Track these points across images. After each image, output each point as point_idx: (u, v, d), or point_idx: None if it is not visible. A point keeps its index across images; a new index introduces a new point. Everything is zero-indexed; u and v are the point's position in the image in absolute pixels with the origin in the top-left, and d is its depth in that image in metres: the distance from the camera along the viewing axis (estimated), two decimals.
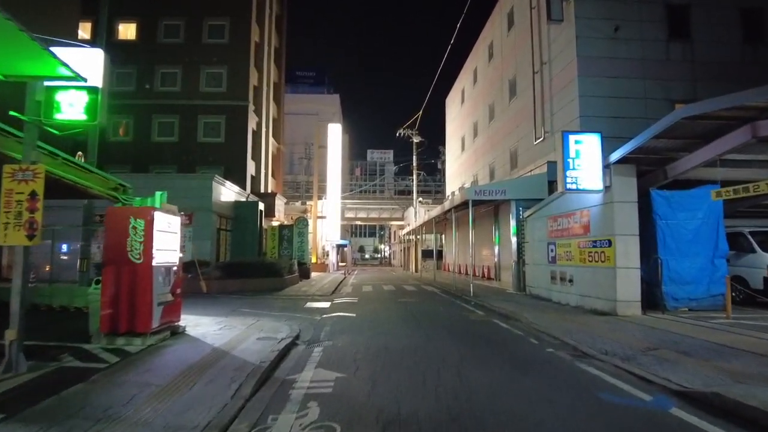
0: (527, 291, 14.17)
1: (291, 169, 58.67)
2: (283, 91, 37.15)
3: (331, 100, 68.41)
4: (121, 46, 26.42)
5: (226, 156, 25.69)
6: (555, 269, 12.16)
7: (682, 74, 15.27)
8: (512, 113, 21.19)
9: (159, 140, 25.91)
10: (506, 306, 11.39)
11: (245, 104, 26.29)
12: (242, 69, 26.64)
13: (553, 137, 16.61)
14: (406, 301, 13.16)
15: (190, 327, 7.93)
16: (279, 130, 35.21)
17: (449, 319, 9.79)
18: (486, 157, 25.40)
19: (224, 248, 21.56)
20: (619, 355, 6.28)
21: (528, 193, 15.01)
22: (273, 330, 7.98)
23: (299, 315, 10.28)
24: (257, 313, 10.40)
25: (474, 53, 28.90)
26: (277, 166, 34.60)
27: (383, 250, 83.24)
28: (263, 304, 12.57)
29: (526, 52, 19.45)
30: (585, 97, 14.84)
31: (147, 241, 6.52)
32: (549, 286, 12.55)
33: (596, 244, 10.09)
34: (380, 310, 11.27)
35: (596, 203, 10.10)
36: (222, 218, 20.98)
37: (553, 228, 12.26)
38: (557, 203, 12.15)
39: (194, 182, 19.56)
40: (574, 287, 11.14)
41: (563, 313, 10.05)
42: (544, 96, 17.45)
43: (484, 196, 14.97)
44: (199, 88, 26.32)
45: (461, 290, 16.14)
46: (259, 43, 29.28)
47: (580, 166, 9.66)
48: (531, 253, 14.01)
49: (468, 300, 13.43)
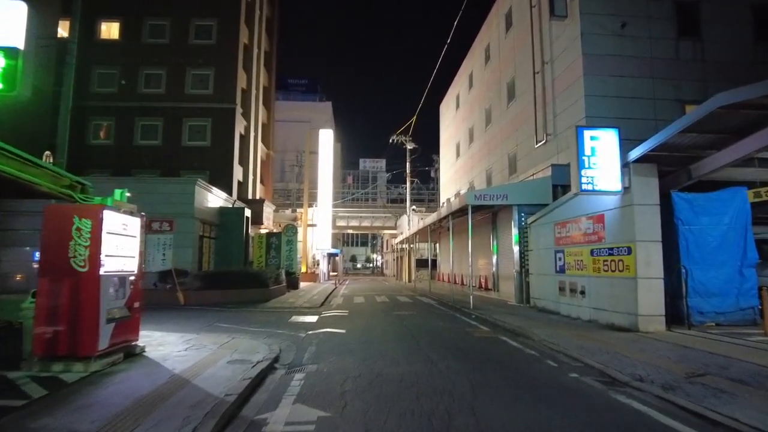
0: (531, 303, 13.15)
1: (282, 177, 57.60)
2: (274, 95, 36.15)
3: (323, 108, 67.60)
4: (104, 45, 25.39)
5: (212, 161, 24.59)
6: (564, 280, 11.16)
7: (693, 74, 14.49)
8: (511, 117, 20.34)
9: (142, 144, 24.77)
10: (512, 320, 10.35)
11: (232, 107, 25.25)
12: (230, 71, 25.64)
13: (556, 140, 15.76)
14: (402, 315, 12.06)
15: (151, 347, 6.79)
16: (269, 135, 34.17)
17: (451, 336, 8.72)
18: (482, 163, 24.51)
19: (208, 256, 20.34)
20: (658, 382, 5.25)
21: (531, 198, 14.06)
22: (249, 350, 6.86)
23: (282, 331, 9.14)
24: (235, 329, 9.26)
25: (469, 57, 28.16)
26: (266, 172, 33.49)
27: (375, 259, 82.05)
28: (244, 317, 11.42)
29: (525, 53, 18.65)
30: (591, 97, 13.99)
31: (94, 245, 5.42)
32: (557, 298, 11.54)
33: (613, 252, 9.11)
34: (373, 325, 10.16)
35: (612, 206, 9.14)
36: (206, 225, 19.80)
37: (562, 235, 11.28)
38: (566, 207, 11.19)
39: (176, 187, 18.41)
40: (586, 300, 10.13)
41: (576, 329, 9.03)
42: (546, 97, 16.60)
43: (484, 201, 14.00)
44: (185, 90, 25.26)
45: (459, 302, 15.08)
46: (248, 45, 28.33)
47: (596, 164, 8.70)
48: (535, 263, 13.02)
49: (468, 313, 12.37)
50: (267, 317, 11.58)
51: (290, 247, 24.00)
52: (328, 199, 36.22)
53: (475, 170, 26.00)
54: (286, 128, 57.05)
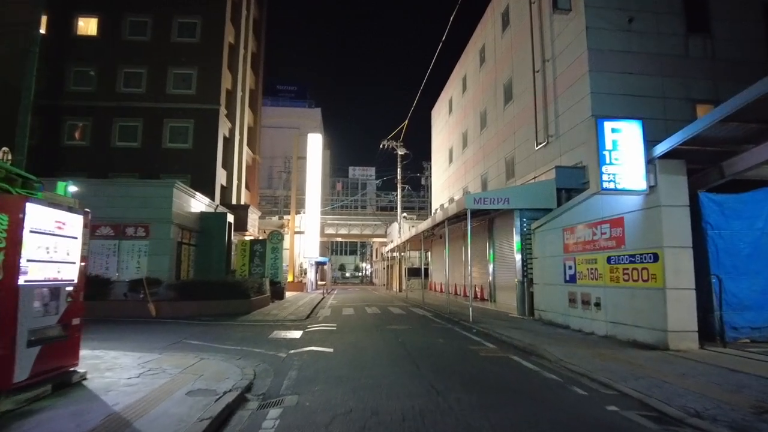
0: (536, 315, 12.10)
1: (270, 184, 56.33)
2: (261, 98, 35.03)
3: (312, 114, 66.52)
4: (81, 42, 24.12)
5: (194, 163, 23.33)
6: (574, 290, 10.13)
7: (703, 72, 13.72)
8: (508, 119, 19.46)
9: (120, 145, 23.44)
10: (518, 336, 9.28)
11: (216, 108, 24.06)
12: (214, 71, 24.48)
13: (559, 141, 14.86)
14: (396, 330, 10.91)
15: (97, 373, 5.59)
16: (255, 139, 32.96)
17: (455, 356, 7.60)
18: (477, 168, 23.59)
19: (187, 265, 19.02)
20: (723, 420, 4.21)
21: (533, 202, 13.08)
22: (216, 376, 5.69)
23: (260, 350, 7.94)
24: (206, 347, 8.06)
25: (463, 61, 27.37)
26: (252, 177, 32.23)
27: (364, 268, 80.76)
28: (219, 332, 10.20)
29: (524, 52, 17.82)
30: (597, 95, 13.12)
31: (11, 247, 4.25)
32: (566, 310, 10.51)
33: (635, 259, 8.11)
34: (365, 342, 9.00)
35: (634, 208, 8.15)
36: (185, 231, 18.50)
37: (572, 241, 10.28)
38: (577, 211, 10.20)
39: (152, 190, 17.12)
40: (602, 313, 9.10)
41: (594, 346, 7.98)
42: (547, 97, 15.73)
43: (484, 205, 12.97)
44: (166, 89, 24.03)
45: (457, 314, 14.00)
46: (233, 44, 27.24)
47: (619, 160, 7.72)
48: (541, 272, 11.99)
49: (468, 327, 11.28)
50: (245, 332, 10.36)
51: (275, 255, 22.72)
52: (316, 206, 35.04)
53: (469, 176, 25.08)
54: (274, 134, 55.94)
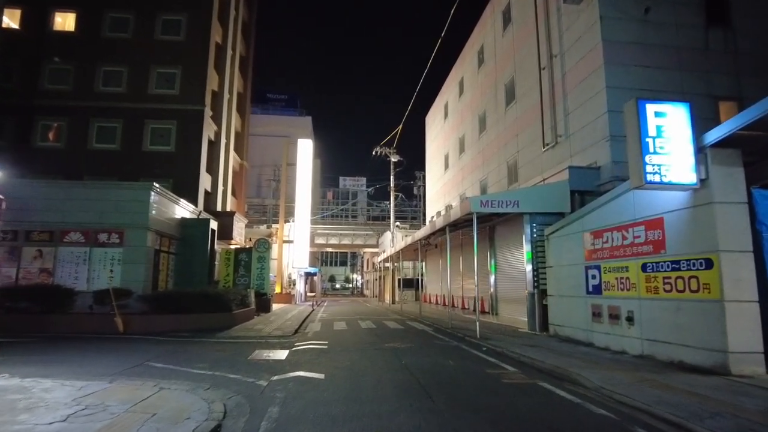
0: (551, 331, 10.85)
1: (258, 193, 54.93)
2: (249, 103, 33.76)
3: (303, 123, 65.33)
4: (57, 38, 22.77)
5: (177, 167, 21.94)
6: (599, 302, 8.92)
7: (724, 67, 12.77)
8: (510, 121, 18.41)
9: (98, 147, 22.00)
10: (538, 355, 8.03)
11: (201, 109, 22.74)
12: (199, 70, 23.20)
13: (569, 141, 13.78)
14: (396, 348, 9.55)
15: (9, 415, 4.21)
16: (243, 144, 31.61)
17: (474, 384, 6.28)
18: (476, 174, 22.48)
19: (165, 274, 17.51)
20: None
21: (545, 206, 11.91)
22: (174, 416, 4.34)
23: (236, 376, 6.56)
24: (171, 372, 6.69)
25: (459, 63, 26.43)
26: (239, 184, 30.83)
27: (355, 279, 79.23)
28: (192, 352, 8.79)
29: (528, 50, 16.83)
30: (613, 89, 12.06)
31: None
32: (588, 325, 9.28)
33: (680, 266, 6.92)
34: (362, 365, 7.64)
35: (678, 207, 6.98)
36: (164, 238, 17.04)
37: (596, 246, 9.08)
38: (602, 213, 9.02)
39: (128, 193, 15.66)
40: (635, 328, 7.88)
41: (634, 369, 6.74)
42: (555, 95, 14.68)
43: (491, 208, 11.75)
44: (148, 89, 22.69)
45: (460, 329, 12.72)
46: (221, 44, 26.04)
47: (664, 149, 6.56)
48: (556, 282, 10.77)
49: (476, 344, 9.99)
50: (223, 351, 8.96)
51: (262, 265, 21.29)
52: (305, 214, 33.69)
53: (467, 182, 23.96)
54: (263, 142, 54.64)
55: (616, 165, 11.66)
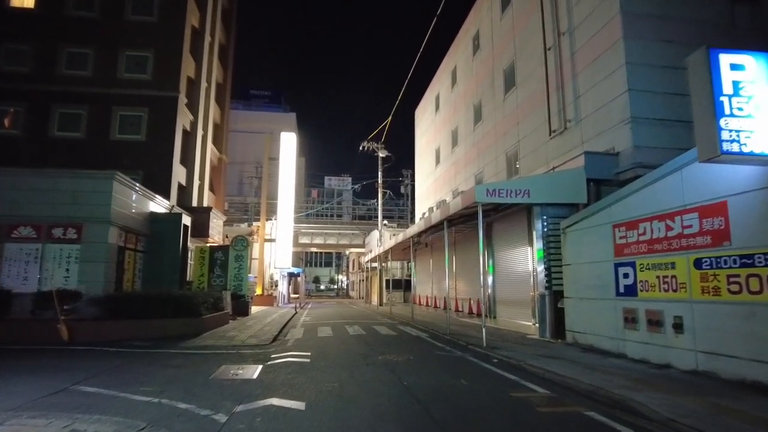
0: (570, 338, 9.44)
1: (240, 191, 53.01)
2: (230, 94, 31.91)
3: (287, 119, 63.35)
4: (15, 15, 20.78)
5: (148, 158, 20.14)
6: (633, 306, 7.52)
7: (752, 46, 11.49)
8: (510, 108, 17.05)
9: (60, 135, 20.10)
10: (569, 372, 6.59)
11: (175, 95, 20.96)
12: (174, 54, 21.43)
13: (580, 126, 12.45)
14: (392, 362, 8.00)
15: None
16: (222, 138, 29.77)
17: (501, 415, 4.78)
18: (470, 167, 21.10)
19: (132, 274, 15.71)
20: None
21: (558, 196, 10.52)
22: None
23: (188, 406, 4.94)
24: (101, 400, 5.06)
25: (452, 53, 25.07)
26: (217, 179, 28.99)
27: (341, 280, 77.48)
28: (141, 369, 7.14)
29: (530, 30, 15.51)
30: (634, 65, 10.74)
31: None
32: (619, 332, 7.88)
33: (753, 262, 5.54)
34: (353, 388, 6.03)
35: (751, 186, 5.62)
36: (130, 234, 15.25)
37: (629, 240, 7.69)
38: (637, 199, 7.63)
39: (86, 182, 13.84)
40: (685, 338, 6.50)
41: (700, 393, 5.34)
42: (564, 76, 13.35)
43: (499, 198, 10.28)
44: (117, 73, 20.85)
45: (460, 335, 11.26)
46: (198, 29, 24.29)
47: (743, 110, 5.18)
48: (575, 282, 9.37)
49: (484, 355, 8.53)
50: (181, 367, 7.32)
51: (240, 264, 19.58)
52: (289, 212, 31.96)
53: (460, 177, 22.57)
54: (246, 139, 52.70)
55: (639, 150, 10.33)
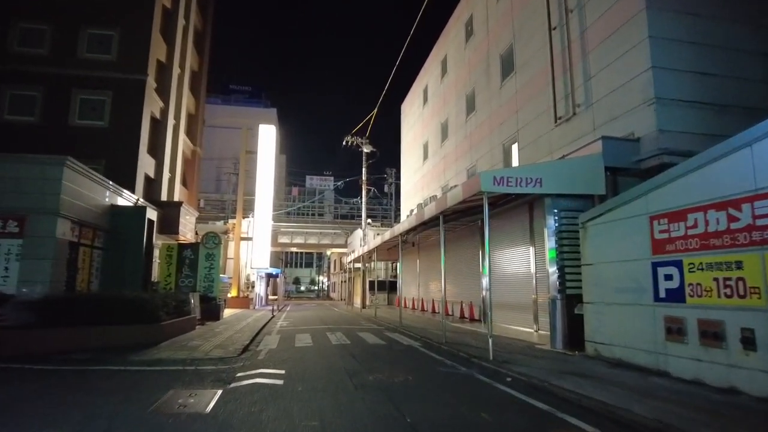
0: (591, 350, 8.08)
1: (218, 188, 51.00)
2: (206, 84, 29.95)
3: (267, 115, 61.38)
4: None
5: (111, 146, 18.24)
6: (681, 314, 6.20)
7: None
8: (507, 96, 15.75)
9: (10, 120, 18.09)
10: (612, 398, 5.22)
11: (142, 78, 19.11)
12: (142, 34, 19.58)
13: (591, 110, 11.19)
14: (387, 385, 6.44)
15: None
16: (197, 129, 27.84)
17: None
18: (462, 162, 19.76)
19: (87, 273, 13.88)
20: None
21: (573, 186, 9.18)
22: None
23: None
24: None
25: (442, 41, 23.75)
26: (191, 172, 27.05)
27: (321, 281, 75.63)
28: (54, 400, 5.48)
29: (530, 10, 14.26)
30: (658, 40, 9.49)
31: None
32: (660, 346, 6.54)
33: None
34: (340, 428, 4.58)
35: None
36: (85, 228, 13.44)
37: (674, 234, 6.37)
38: (684, 185, 6.31)
39: (31, 169, 12.02)
40: (760, 356, 5.18)
41: None
42: (572, 57, 12.07)
43: (508, 187, 8.88)
44: (78, 53, 18.90)
45: (458, 344, 9.88)
46: (170, 9, 22.42)
47: None
48: (598, 285, 8.03)
49: (494, 371, 7.12)
50: (114, 394, 5.70)
51: (211, 264, 17.83)
52: (267, 209, 30.16)
53: (451, 171, 21.23)
54: (225, 135, 50.79)
55: (664, 135, 9.08)
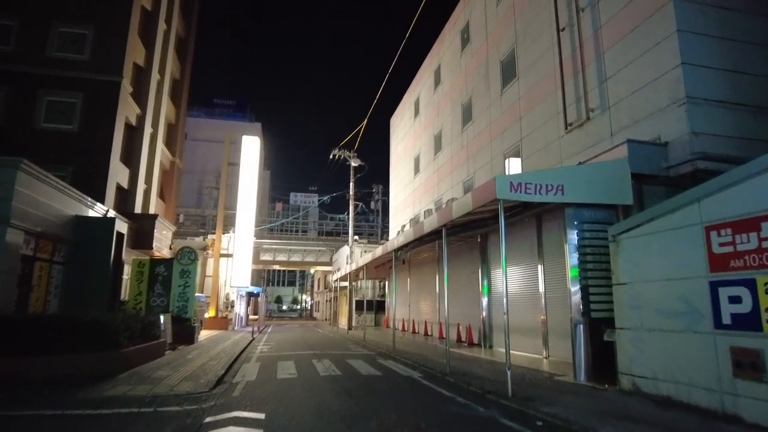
0: (626, 384, 6.87)
1: (199, 202, 49.34)
2: (187, 93, 28.62)
3: (252, 129, 60.09)
4: None
5: (80, 152, 16.83)
6: (756, 345, 5.05)
7: None
8: (509, 103, 14.83)
9: None
10: None
11: (117, 80, 17.82)
12: (118, 34, 18.37)
13: (609, 114, 10.21)
14: None
15: None
16: (177, 140, 26.44)
17: None
18: (457, 174, 18.73)
19: (44, 291, 12.30)
20: None
21: (596, 194, 8.06)
22: None
23: None
24: None
25: (435, 50, 22.97)
26: (169, 184, 25.54)
27: (304, 300, 73.54)
28: None
29: (533, 13, 13.45)
30: (688, 34, 8.61)
31: None
32: (726, 384, 5.37)
33: None
34: None
35: None
36: (42, 241, 11.94)
37: (741, 247, 5.26)
38: (753, 188, 5.24)
39: None
40: None
41: None
42: (584, 58, 11.17)
43: (526, 195, 7.70)
44: (47, 51, 17.62)
45: (465, 375, 8.57)
46: (149, 11, 21.27)
47: None
48: (636, 307, 6.86)
49: (520, 412, 5.87)
50: None
51: (186, 281, 16.26)
52: (249, 224, 28.65)
53: (444, 185, 20.18)
54: (207, 148, 49.47)
55: (699, 138, 8.11)
